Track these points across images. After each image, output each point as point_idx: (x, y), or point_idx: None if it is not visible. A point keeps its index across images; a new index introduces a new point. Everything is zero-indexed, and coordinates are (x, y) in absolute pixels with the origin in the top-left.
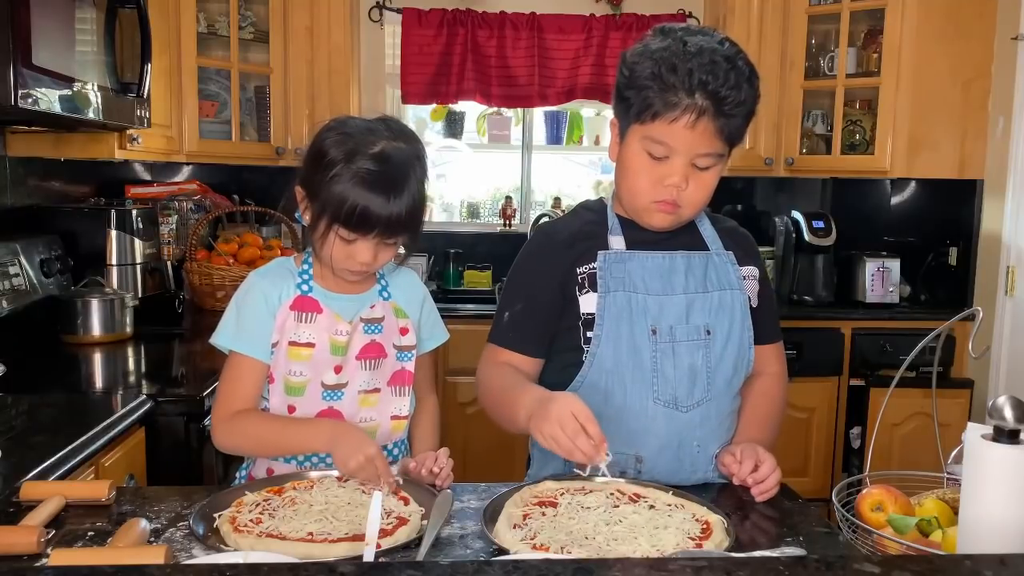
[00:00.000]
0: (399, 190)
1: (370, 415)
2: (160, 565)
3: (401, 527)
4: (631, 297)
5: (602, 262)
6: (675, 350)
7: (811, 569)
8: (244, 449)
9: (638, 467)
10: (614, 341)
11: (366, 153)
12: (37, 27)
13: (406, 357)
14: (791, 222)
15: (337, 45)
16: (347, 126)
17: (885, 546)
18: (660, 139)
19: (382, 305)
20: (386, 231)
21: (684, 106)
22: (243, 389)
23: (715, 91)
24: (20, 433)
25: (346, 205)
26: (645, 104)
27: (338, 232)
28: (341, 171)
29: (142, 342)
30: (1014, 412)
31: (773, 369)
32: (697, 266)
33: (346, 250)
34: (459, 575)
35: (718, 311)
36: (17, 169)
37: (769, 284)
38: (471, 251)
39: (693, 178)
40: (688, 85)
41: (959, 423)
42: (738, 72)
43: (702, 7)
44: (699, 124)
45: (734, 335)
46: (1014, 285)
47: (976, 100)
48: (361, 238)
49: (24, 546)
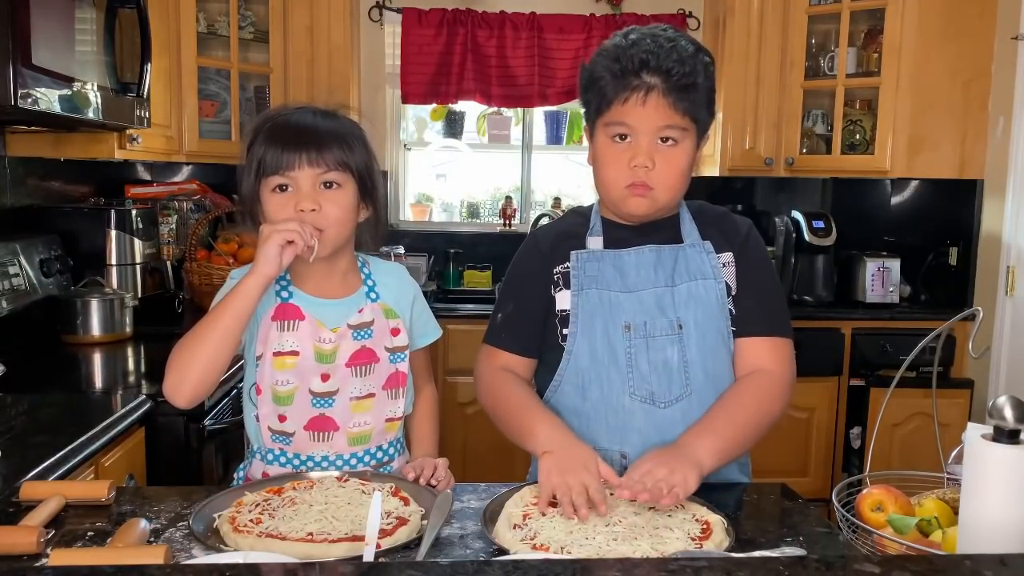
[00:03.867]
0: (327, 115)
1: (364, 419)
2: (160, 565)
3: (401, 527)
4: (602, 294)
5: (575, 261)
6: (649, 345)
7: (811, 569)
8: (187, 358)
9: (623, 463)
10: (589, 338)
11: (275, 115)
12: (37, 27)
13: (399, 358)
14: (791, 222)
15: (337, 45)
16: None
17: (885, 546)
18: (618, 120)
19: (371, 308)
20: (310, 145)
21: (633, 86)
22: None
23: (658, 67)
24: (20, 433)
25: (260, 146)
26: (601, 96)
27: (268, 181)
28: (256, 135)
29: (142, 342)
30: (1014, 412)
31: (766, 366)
32: (667, 259)
33: (287, 203)
34: (459, 575)
35: (687, 303)
36: (17, 169)
37: (765, 273)
38: (471, 251)
39: (660, 157)
40: (634, 67)
41: (959, 423)
42: (680, 49)
43: (702, 7)
44: (650, 100)
45: (710, 327)
46: (1014, 285)
47: (976, 100)
48: (288, 174)
49: (24, 546)
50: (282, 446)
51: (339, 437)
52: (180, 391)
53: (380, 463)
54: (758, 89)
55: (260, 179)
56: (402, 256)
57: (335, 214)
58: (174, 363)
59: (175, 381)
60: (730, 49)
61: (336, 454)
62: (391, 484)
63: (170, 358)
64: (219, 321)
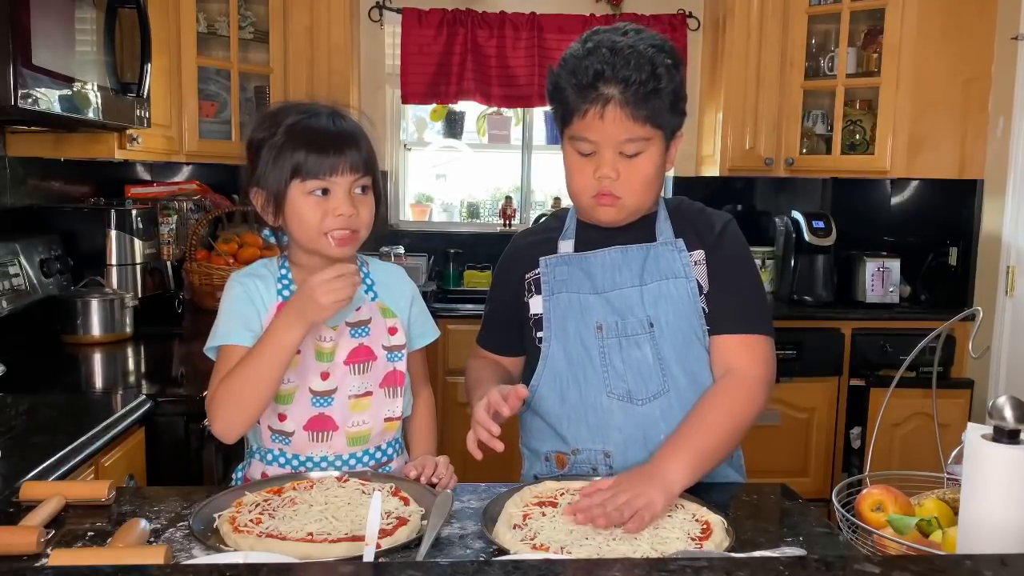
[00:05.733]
0: (340, 116)
1: (362, 419)
2: (160, 565)
3: (401, 527)
4: (572, 297)
5: (544, 267)
6: (622, 344)
7: (811, 569)
8: (238, 405)
9: (608, 462)
10: (562, 341)
11: (290, 114)
12: (37, 27)
13: (396, 357)
14: (791, 222)
15: (337, 45)
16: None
17: (885, 546)
18: (580, 135)
19: (368, 307)
20: (348, 150)
21: (591, 99)
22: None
23: (614, 77)
24: (20, 433)
25: (297, 150)
26: (563, 108)
27: (304, 185)
28: (275, 137)
29: (142, 342)
30: (1014, 412)
31: (740, 365)
32: (635, 259)
33: (322, 206)
34: (459, 575)
35: (656, 302)
36: (17, 169)
37: (740, 270)
38: (471, 251)
39: (624, 167)
40: (589, 80)
41: (959, 423)
42: (639, 56)
43: (702, 7)
44: (607, 113)
45: (681, 325)
46: (1014, 285)
47: (976, 100)
48: (330, 179)
49: (24, 546)
50: (281, 446)
51: (338, 437)
52: (233, 433)
53: (379, 464)
54: (758, 89)
55: (292, 180)
56: (402, 256)
57: (367, 217)
58: (224, 406)
59: (228, 425)
60: (730, 49)
61: (335, 454)
62: (391, 484)
63: (217, 399)
64: (260, 369)
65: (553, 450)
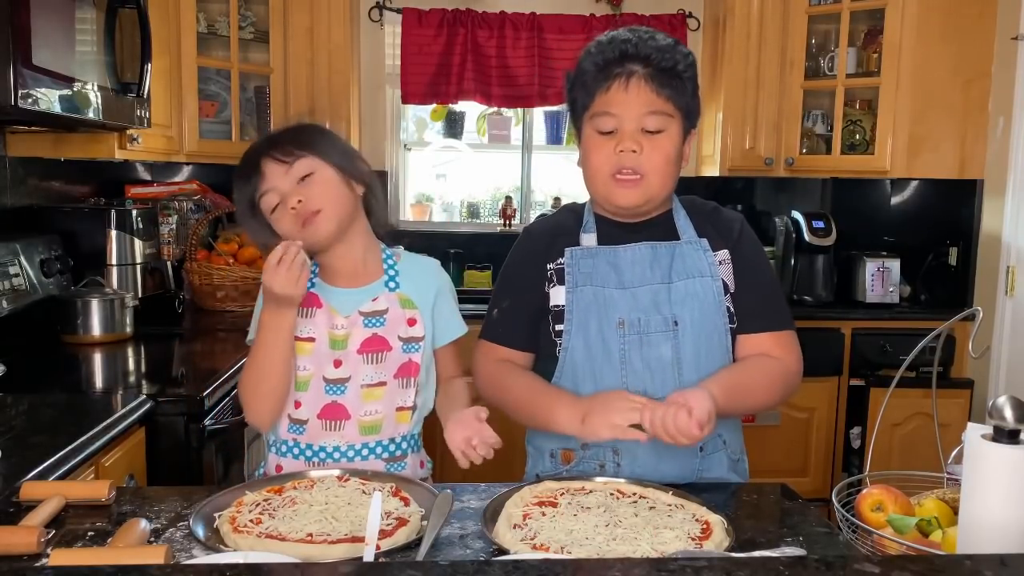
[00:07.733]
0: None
1: (375, 408)
2: (160, 565)
3: (401, 527)
4: (597, 291)
5: (569, 258)
6: (643, 342)
7: (811, 569)
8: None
9: (616, 459)
10: (583, 334)
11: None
12: (37, 27)
13: (413, 349)
14: (791, 222)
15: (337, 45)
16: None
17: (885, 546)
18: (603, 110)
19: (386, 297)
20: (273, 151)
21: (615, 74)
22: None
23: (638, 54)
24: (20, 433)
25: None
26: (585, 90)
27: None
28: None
29: (142, 342)
30: (1014, 412)
31: (775, 356)
32: (663, 256)
33: (280, 211)
34: (459, 575)
35: (683, 301)
36: (17, 169)
37: (762, 268)
38: (471, 251)
39: (647, 142)
40: (615, 56)
41: (959, 423)
42: (658, 39)
43: (702, 7)
44: (632, 84)
45: (705, 325)
46: (1014, 285)
47: (976, 100)
48: (272, 184)
49: (24, 546)
50: (296, 436)
51: (350, 426)
52: (263, 420)
53: (393, 457)
54: (758, 89)
55: (259, 200)
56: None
57: (318, 192)
58: (244, 396)
59: (254, 413)
60: (730, 49)
61: (348, 444)
62: (391, 484)
63: (240, 391)
64: (265, 356)
65: (560, 447)
